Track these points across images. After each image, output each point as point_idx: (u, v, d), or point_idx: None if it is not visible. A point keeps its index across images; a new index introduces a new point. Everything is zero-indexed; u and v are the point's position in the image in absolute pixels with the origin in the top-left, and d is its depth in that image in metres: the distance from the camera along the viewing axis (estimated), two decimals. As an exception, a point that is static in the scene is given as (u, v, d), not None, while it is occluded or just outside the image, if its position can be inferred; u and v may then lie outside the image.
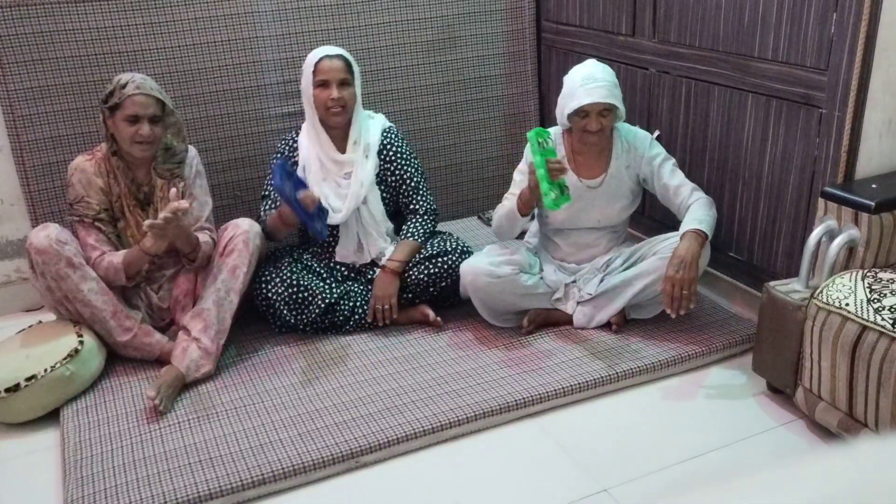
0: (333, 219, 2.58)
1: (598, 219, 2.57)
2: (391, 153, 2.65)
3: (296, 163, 2.63)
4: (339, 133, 2.61)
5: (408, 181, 2.67)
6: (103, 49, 2.75)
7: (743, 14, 2.40)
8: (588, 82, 2.36)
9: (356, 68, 2.59)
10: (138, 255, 2.34)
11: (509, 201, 2.50)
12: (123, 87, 2.29)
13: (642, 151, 2.52)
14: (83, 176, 2.37)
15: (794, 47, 2.26)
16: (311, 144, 2.61)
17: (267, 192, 2.63)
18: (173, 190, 2.32)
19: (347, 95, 2.54)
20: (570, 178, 2.52)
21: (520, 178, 2.54)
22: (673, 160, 2.53)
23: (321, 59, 2.53)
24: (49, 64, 2.69)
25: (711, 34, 2.53)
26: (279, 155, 2.66)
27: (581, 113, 2.40)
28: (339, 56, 2.55)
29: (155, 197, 2.43)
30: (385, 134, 2.67)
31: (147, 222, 2.24)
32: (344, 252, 2.65)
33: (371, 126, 2.65)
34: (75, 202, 2.38)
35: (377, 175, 2.64)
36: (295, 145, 2.65)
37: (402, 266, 2.57)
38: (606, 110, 2.39)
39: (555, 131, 2.58)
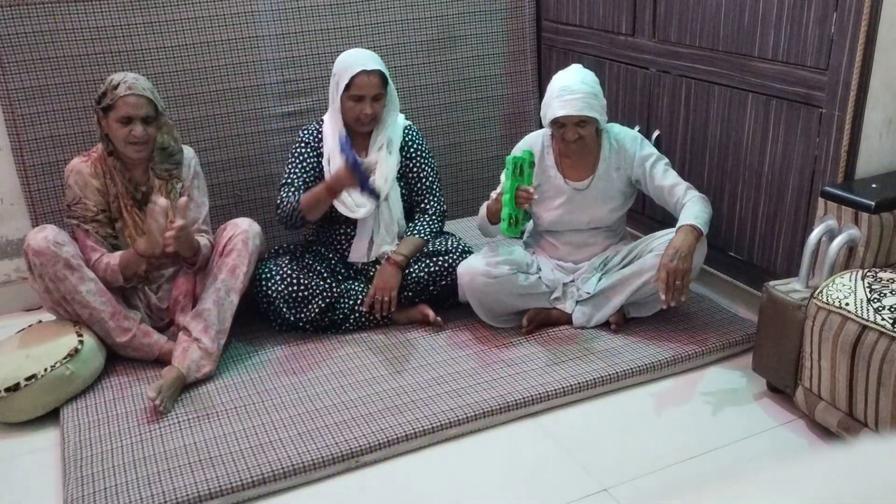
0: (356, 213, 2.57)
1: (587, 220, 2.58)
2: (412, 150, 2.66)
3: (321, 153, 2.61)
4: (362, 136, 2.60)
5: (423, 179, 2.68)
6: (103, 48, 2.75)
7: (743, 14, 2.40)
8: (564, 93, 2.35)
9: (389, 77, 2.57)
10: (133, 258, 2.34)
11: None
12: (115, 87, 2.28)
13: (633, 152, 2.52)
14: (79, 178, 2.37)
15: (794, 47, 2.26)
16: (334, 143, 2.58)
17: (289, 181, 2.59)
18: (183, 199, 2.31)
19: (379, 108, 2.53)
20: (557, 180, 2.54)
21: (503, 179, 2.54)
22: (665, 160, 2.53)
23: (358, 74, 2.48)
24: (49, 63, 2.69)
25: (711, 34, 2.53)
26: (304, 144, 2.63)
27: (558, 123, 2.40)
28: (377, 72, 2.50)
29: (153, 197, 2.42)
30: (406, 131, 2.67)
31: (167, 234, 2.24)
32: (359, 249, 2.64)
33: (393, 124, 2.65)
34: (73, 203, 2.38)
35: (398, 172, 2.64)
36: (319, 136, 2.64)
37: (405, 260, 2.57)
38: (583, 121, 2.39)
39: (544, 133, 2.58)
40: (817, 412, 2.00)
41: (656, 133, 2.83)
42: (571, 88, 2.35)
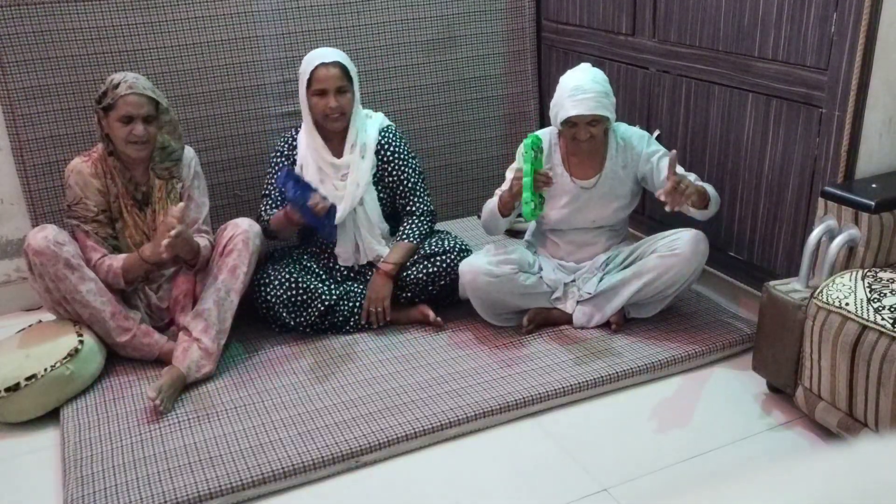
0: None
1: (592, 219, 2.58)
2: (389, 153, 2.64)
3: (294, 161, 2.62)
4: (336, 136, 2.60)
5: (405, 181, 2.66)
6: (103, 48, 2.75)
7: (743, 14, 2.40)
8: (576, 93, 2.35)
9: (354, 71, 2.56)
10: (137, 263, 2.34)
11: (496, 198, 2.52)
12: (116, 87, 2.28)
13: (639, 150, 2.52)
14: (80, 178, 2.37)
15: (794, 47, 2.26)
16: (308, 147, 2.60)
17: (267, 192, 2.62)
18: (175, 208, 2.29)
19: (345, 102, 2.51)
20: (564, 178, 2.54)
21: (511, 177, 2.55)
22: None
23: (317, 68, 2.48)
24: (49, 63, 2.69)
25: (711, 33, 2.53)
26: (278, 154, 2.65)
27: (569, 122, 2.40)
28: (336, 63, 2.50)
29: (153, 197, 2.43)
30: (383, 133, 2.65)
31: (163, 244, 2.23)
32: (344, 254, 2.65)
33: (368, 126, 2.63)
34: (73, 204, 2.38)
35: (374, 175, 2.63)
36: (294, 143, 2.65)
37: (395, 268, 2.56)
38: (595, 120, 2.39)
39: (551, 132, 2.58)
40: (817, 412, 2.00)
41: (656, 132, 2.83)
42: (583, 88, 2.35)
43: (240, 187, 3.05)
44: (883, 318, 1.79)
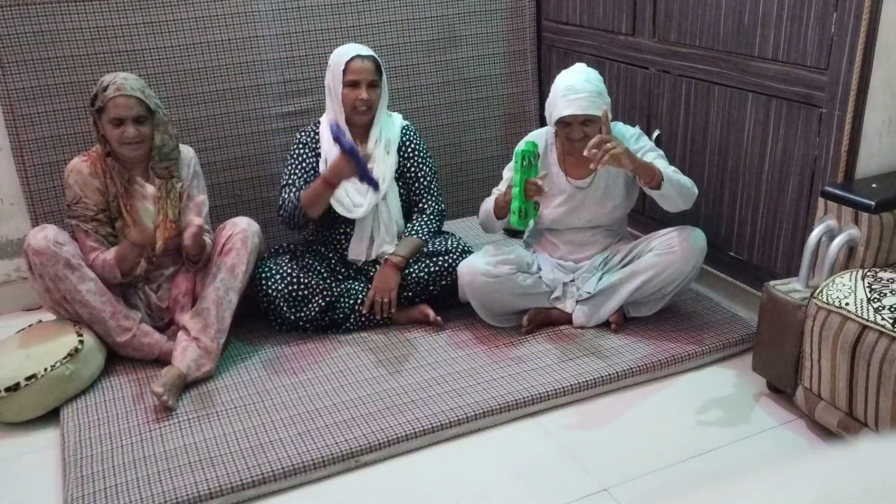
0: (354, 213, 2.58)
1: (588, 219, 2.58)
2: (410, 150, 2.68)
3: (318, 153, 2.63)
4: (360, 130, 2.62)
5: (421, 179, 2.69)
6: (103, 48, 2.75)
7: (743, 13, 2.40)
8: (569, 93, 2.36)
9: (383, 69, 2.60)
10: (128, 248, 2.34)
11: (493, 197, 2.54)
12: (105, 89, 2.28)
13: (628, 146, 2.52)
14: (79, 177, 2.37)
15: (794, 47, 2.26)
16: (330, 143, 2.59)
17: (290, 181, 2.59)
18: (202, 197, 2.34)
19: (374, 96, 2.56)
20: (560, 178, 2.54)
21: (508, 175, 2.55)
22: (659, 151, 2.51)
23: (353, 59, 2.53)
24: (49, 63, 2.69)
25: (711, 33, 2.53)
26: (301, 145, 2.65)
27: (563, 122, 2.40)
28: (371, 57, 2.56)
29: (138, 181, 2.41)
30: (404, 131, 2.69)
31: (187, 235, 2.28)
32: (356, 248, 2.65)
33: (391, 123, 2.67)
34: (73, 203, 2.38)
35: (395, 171, 2.65)
36: (317, 137, 2.65)
37: (404, 261, 2.57)
38: (588, 120, 2.39)
39: (547, 131, 2.59)
40: (817, 412, 2.00)
41: (656, 133, 2.83)
42: (576, 88, 2.36)
43: (240, 187, 3.05)
44: (883, 318, 1.79)
